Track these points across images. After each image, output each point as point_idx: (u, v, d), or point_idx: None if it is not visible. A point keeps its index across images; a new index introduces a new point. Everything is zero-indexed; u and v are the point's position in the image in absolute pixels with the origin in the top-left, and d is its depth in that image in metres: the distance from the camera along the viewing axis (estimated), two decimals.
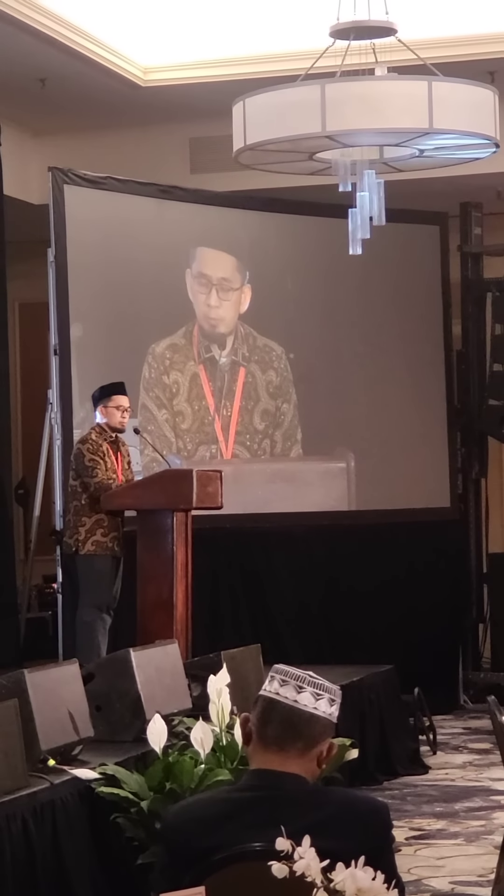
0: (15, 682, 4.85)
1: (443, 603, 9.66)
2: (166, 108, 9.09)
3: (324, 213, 9.03)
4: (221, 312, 9.28)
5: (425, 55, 6.79)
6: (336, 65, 6.52)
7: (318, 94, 6.29)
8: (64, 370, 8.31)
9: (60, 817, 4.59)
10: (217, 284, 9.27)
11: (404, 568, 9.54)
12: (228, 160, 7.18)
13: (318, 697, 2.58)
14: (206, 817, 2.56)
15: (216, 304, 9.26)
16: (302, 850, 2.12)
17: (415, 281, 9.90)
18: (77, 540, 7.35)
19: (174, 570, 7.03)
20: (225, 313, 9.30)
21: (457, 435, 9.94)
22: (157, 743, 4.79)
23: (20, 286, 9.40)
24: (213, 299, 9.25)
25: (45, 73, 8.50)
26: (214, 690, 5.01)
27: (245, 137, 6.60)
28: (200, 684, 5.60)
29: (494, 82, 7.66)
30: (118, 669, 5.61)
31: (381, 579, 9.43)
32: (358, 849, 2.26)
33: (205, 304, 9.21)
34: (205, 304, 9.21)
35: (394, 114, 6.41)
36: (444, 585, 9.71)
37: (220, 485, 7.23)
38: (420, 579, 9.58)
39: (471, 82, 6.56)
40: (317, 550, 9.47)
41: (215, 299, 9.26)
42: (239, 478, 8.87)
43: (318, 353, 9.65)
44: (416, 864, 5.62)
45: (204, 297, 9.21)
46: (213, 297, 9.25)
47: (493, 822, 6.35)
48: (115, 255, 8.76)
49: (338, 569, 9.44)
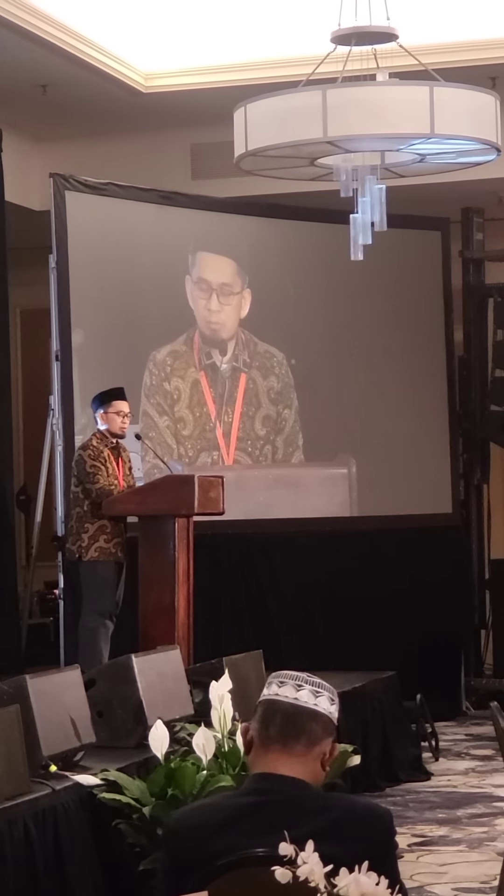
0: (17, 687, 4.84)
1: (445, 609, 9.65)
2: (167, 114, 9.10)
3: (325, 218, 9.03)
4: (222, 317, 9.28)
5: (427, 60, 6.79)
6: (337, 70, 6.53)
7: (319, 100, 6.29)
8: (65, 376, 8.31)
9: (62, 823, 4.58)
10: (217, 289, 9.27)
11: (406, 574, 9.53)
12: (230, 166, 7.18)
13: (317, 695, 2.59)
14: (208, 823, 2.55)
15: (217, 309, 9.26)
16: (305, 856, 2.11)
17: (416, 286, 9.90)
18: (80, 546, 7.35)
19: (176, 576, 7.03)
20: (226, 318, 9.30)
21: (458, 441, 9.93)
22: (158, 749, 4.78)
23: (22, 292, 9.41)
24: (214, 304, 9.25)
25: (46, 79, 8.50)
26: (216, 696, 5.00)
27: (246, 143, 6.60)
28: (202, 690, 5.60)
29: (496, 87, 7.65)
30: (120, 675, 5.60)
31: (383, 585, 9.42)
32: (361, 855, 2.25)
33: (205, 310, 9.21)
34: (205, 310, 9.21)
35: (395, 119, 6.41)
36: (446, 592, 9.70)
37: (222, 490, 7.23)
38: (422, 585, 9.57)
39: (472, 88, 6.57)
40: (318, 556, 9.46)
41: (216, 304, 9.26)
42: (240, 484, 8.86)
43: (320, 358, 9.65)
44: (418, 871, 5.61)
45: (204, 303, 9.21)
46: (214, 302, 9.25)
47: (496, 829, 6.33)
48: (116, 261, 8.77)
49: (339, 575, 9.43)
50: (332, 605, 9.43)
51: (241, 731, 2.66)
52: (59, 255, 8.32)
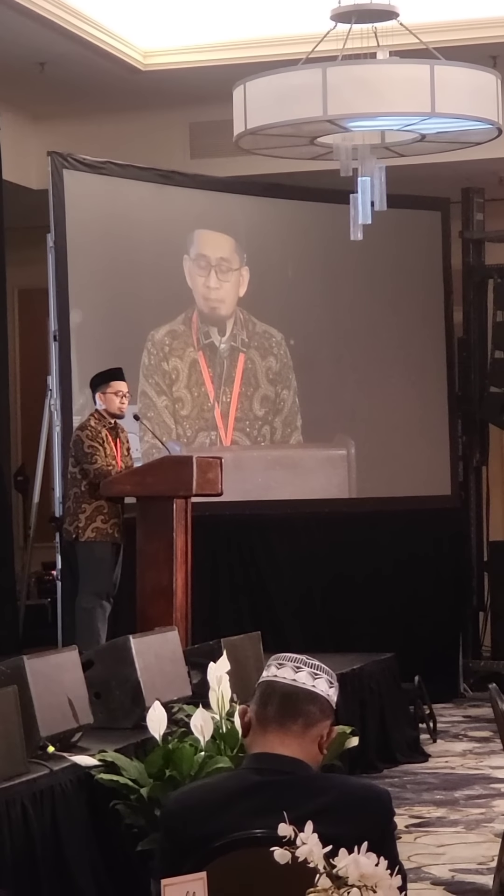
0: (14, 668, 4.83)
1: (443, 591, 9.65)
2: (166, 92, 9.05)
3: (324, 198, 9.00)
4: (221, 294, 9.24)
5: (427, 39, 6.75)
6: (337, 49, 6.49)
7: (319, 78, 6.26)
8: (63, 356, 8.28)
9: (60, 804, 4.58)
10: (216, 265, 9.23)
11: (404, 556, 9.52)
12: (229, 145, 7.15)
13: (315, 677, 2.59)
14: (206, 803, 2.54)
15: (216, 286, 9.22)
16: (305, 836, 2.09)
17: (416, 267, 9.86)
18: (77, 527, 7.33)
19: (174, 557, 7.01)
20: (225, 294, 9.26)
21: (458, 422, 9.91)
22: (156, 730, 4.77)
23: (19, 272, 9.37)
24: (213, 280, 9.21)
25: (44, 57, 8.45)
26: (214, 678, 4.99)
27: (246, 122, 6.57)
28: (200, 672, 5.58)
29: (497, 66, 7.61)
30: (118, 656, 5.58)
31: (382, 567, 9.42)
32: (360, 835, 2.24)
33: (204, 286, 9.17)
34: (204, 286, 9.17)
35: (395, 98, 6.38)
36: (445, 573, 9.70)
37: (220, 471, 7.21)
38: (420, 567, 9.56)
39: (473, 66, 6.53)
40: (317, 538, 9.45)
41: (215, 280, 9.22)
42: (239, 465, 8.84)
43: (318, 339, 9.62)
44: (415, 852, 5.61)
45: (203, 280, 9.17)
46: (213, 279, 9.21)
47: (493, 810, 6.34)
48: (114, 240, 8.73)
49: (338, 556, 9.42)
50: (331, 586, 9.42)
51: (240, 713, 2.65)
52: (56, 235, 8.29)
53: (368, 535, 9.47)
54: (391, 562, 9.46)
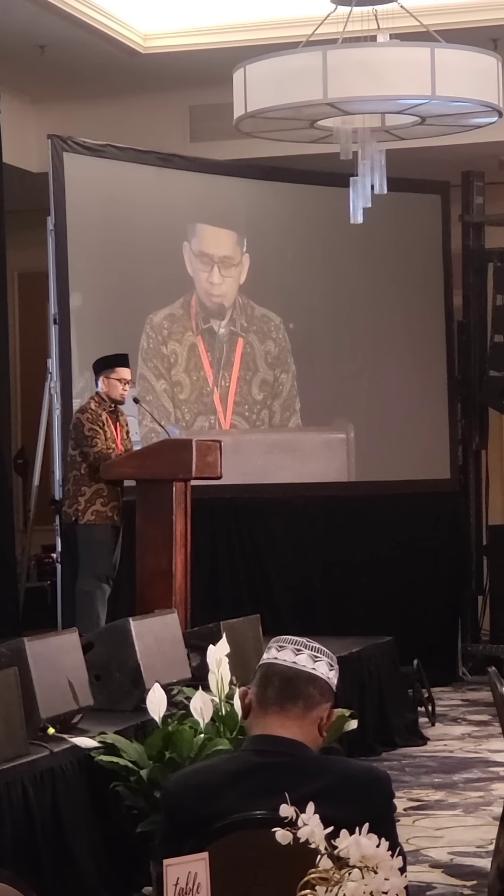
0: (15, 650, 4.84)
1: (442, 575, 9.66)
2: (166, 75, 9.03)
3: (324, 181, 8.98)
4: (224, 289, 9.25)
5: (428, 22, 6.73)
6: (338, 31, 6.47)
7: (319, 61, 6.24)
8: (63, 340, 8.28)
9: (60, 785, 4.59)
10: (219, 262, 9.23)
11: (404, 540, 9.53)
12: (229, 128, 7.13)
13: (315, 660, 2.60)
14: (207, 785, 2.55)
15: (219, 282, 9.22)
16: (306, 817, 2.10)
17: (416, 251, 9.84)
18: (77, 510, 7.34)
19: (173, 540, 7.02)
20: (227, 289, 9.27)
21: (457, 406, 9.91)
22: (156, 712, 4.78)
23: (19, 255, 9.35)
24: (216, 277, 9.21)
25: (44, 39, 8.43)
26: (214, 660, 5.00)
27: (246, 105, 6.55)
28: (200, 654, 5.60)
29: (498, 49, 7.59)
30: (118, 639, 5.60)
31: (381, 551, 9.42)
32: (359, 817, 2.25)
33: (207, 282, 9.17)
34: (207, 282, 9.17)
35: (396, 81, 6.36)
36: (444, 557, 9.70)
37: (220, 455, 7.21)
38: (419, 551, 9.57)
39: (474, 49, 6.51)
40: (316, 521, 9.45)
41: (217, 277, 9.21)
42: (238, 448, 8.84)
43: (318, 323, 9.61)
44: (414, 835, 5.63)
45: (206, 275, 9.17)
46: (216, 275, 9.21)
47: (492, 794, 6.35)
48: (114, 223, 8.72)
49: (337, 540, 9.42)
50: (330, 569, 9.42)
51: (240, 696, 2.66)
52: (56, 218, 8.27)
53: (367, 519, 9.47)
54: (390, 545, 9.47)
